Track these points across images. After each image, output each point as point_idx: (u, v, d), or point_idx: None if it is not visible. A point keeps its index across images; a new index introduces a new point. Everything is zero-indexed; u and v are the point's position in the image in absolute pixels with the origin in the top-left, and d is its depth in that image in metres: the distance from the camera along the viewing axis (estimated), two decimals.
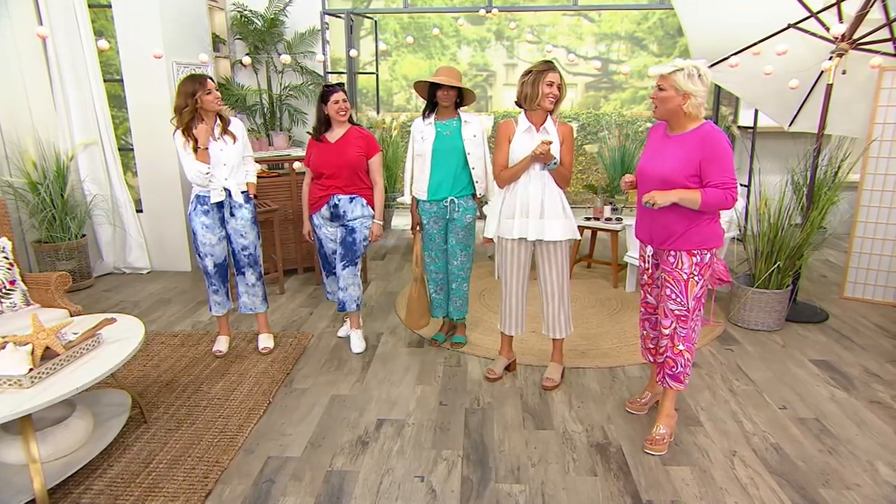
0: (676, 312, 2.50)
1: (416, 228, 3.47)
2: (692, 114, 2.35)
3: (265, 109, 5.93)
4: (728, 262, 4.22)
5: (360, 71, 7.30)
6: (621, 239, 4.85)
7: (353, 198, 3.36)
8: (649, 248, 2.62)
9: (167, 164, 4.89)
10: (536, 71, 2.76)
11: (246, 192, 3.31)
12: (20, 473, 2.23)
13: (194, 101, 3.03)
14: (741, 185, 5.40)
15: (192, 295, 4.61)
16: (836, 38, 3.66)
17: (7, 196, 4.49)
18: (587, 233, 5.12)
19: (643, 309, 2.78)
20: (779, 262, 3.77)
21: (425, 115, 3.31)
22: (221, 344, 3.53)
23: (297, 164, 4.67)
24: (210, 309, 3.47)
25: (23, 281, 3.24)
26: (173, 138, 3.14)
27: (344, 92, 3.29)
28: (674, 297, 2.49)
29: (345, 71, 6.53)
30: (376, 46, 6.95)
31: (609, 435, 2.67)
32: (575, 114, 8.84)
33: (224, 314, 3.51)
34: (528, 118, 2.85)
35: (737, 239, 4.29)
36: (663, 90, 2.35)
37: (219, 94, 3.11)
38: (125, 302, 4.51)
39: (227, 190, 3.21)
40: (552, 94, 2.74)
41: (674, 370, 2.54)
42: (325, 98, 3.28)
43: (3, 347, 2.19)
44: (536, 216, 2.86)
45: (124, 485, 2.33)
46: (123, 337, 2.55)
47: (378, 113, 6.96)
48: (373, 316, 4.16)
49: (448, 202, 3.30)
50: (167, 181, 4.99)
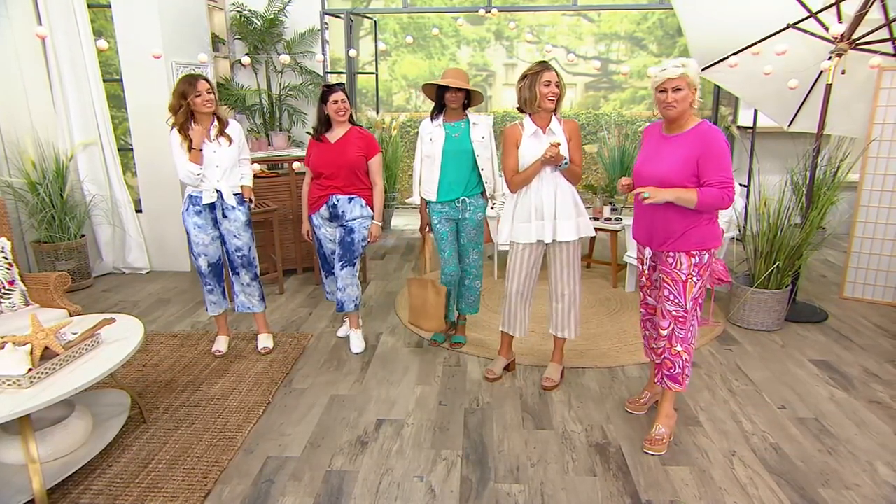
0: (674, 314, 2.49)
1: (426, 229, 3.48)
2: (694, 107, 2.39)
3: (265, 109, 5.93)
4: (727, 262, 4.22)
5: (360, 71, 7.30)
6: (621, 239, 4.85)
7: (352, 198, 3.36)
8: (648, 250, 2.61)
9: (167, 164, 4.87)
10: (531, 74, 2.76)
11: (240, 194, 3.29)
12: (19, 473, 2.22)
13: (186, 103, 3.03)
14: (741, 185, 5.41)
15: (191, 295, 4.61)
16: (836, 38, 3.66)
17: (6, 196, 4.49)
18: None
19: (643, 310, 2.78)
20: (778, 262, 3.77)
21: (433, 117, 3.31)
22: (221, 344, 3.53)
23: (296, 164, 4.67)
24: (206, 309, 3.47)
25: (22, 281, 3.24)
26: (170, 136, 3.14)
27: (344, 92, 3.28)
28: (672, 298, 2.48)
29: (344, 71, 6.53)
30: (376, 46, 6.95)
31: (608, 435, 2.67)
32: (574, 114, 8.84)
33: (221, 314, 3.51)
34: (534, 121, 2.84)
35: (736, 239, 4.29)
36: (680, 90, 2.31)
37: (211, 96, 3.06)
38: (124, 302, 4.51)
39: (219, 191, 3.20)
40: (551, 94, 2.74)
41: (672, 371, 2.54)
42: (324, 98, 3.28)
43: (3, 347, 2.19)
44: (552, 217, 2.85)
45: (123, 485, 2.33)
46: (123, 337, 2.55)
47: (378, 113, 6.96)
48: (372, 316, 4.16)
49: (460, 202, 3.30)
50: (166, 181, 4.99)
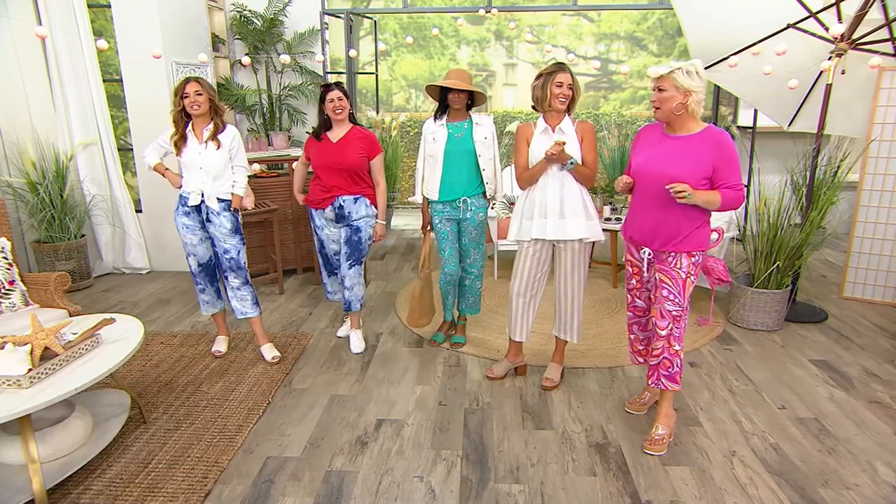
0: (674, 313, 2.50)
1: (427, 228, 3.48)
2: (694, 111, 2.38)
3: (264, 109, 5.93)
4: (727, 262, 4.23)
5: (360, 71, 7.30)
6: (620, 239, 4.85)
7: (358, 198, 3.36)
8: (646, 251, 2.59)
9: (166, 163, 4.88)
10: (546, 73, 2.78)
11: (227, 201, 3.22)
12: (19, 473, 2.22)
13: (180, 102, 3.07)
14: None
15: (191, 295, 4.60)
16: (836, 38, 3.67)
17: (6, 196, 4.49)
18: None
19: (631, 313, 2.78)
20: (778, 262, 3.77)
21: (437, 117, 3.32)
22: (220, 344, 3.53)
23: (296, 165, 4.66)
24: (200, 309, 3.46)
25: (22, 281, 3.24)
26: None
27: (340, 90, 3.27)
28: (672, 297, 2.49)
29: (344, 71, 6.52)
30: (375, 46, 6.95)
31: (608, 435, 2.67)
32: (574, 114, 8.83)
33: (218, 313, 3.50)
34: (545, 120, 2.86)
35: (736, 239, 4.29)
36: (664, 90, 2.37)
37: (199, 98, 3.04)
38: (124, 302, 4.51)
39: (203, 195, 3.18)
40: (562, 95, 2.75)
41: (670, 371, 2.55)
42: (322, 98, 3.28)
43: (3, 347, 2.19)
44: (555, 216, 2.83)
45: (123, 485, 2.33)
46: (122, 337, 2.55)
47: (378, 113, 6.96)
48: (372, 316, 4.16)
49: (461, 202, 3.30)
50: (166, 181, 4.96)
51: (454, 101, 3.19)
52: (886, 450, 2.55)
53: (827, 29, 3.65)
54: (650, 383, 2.63)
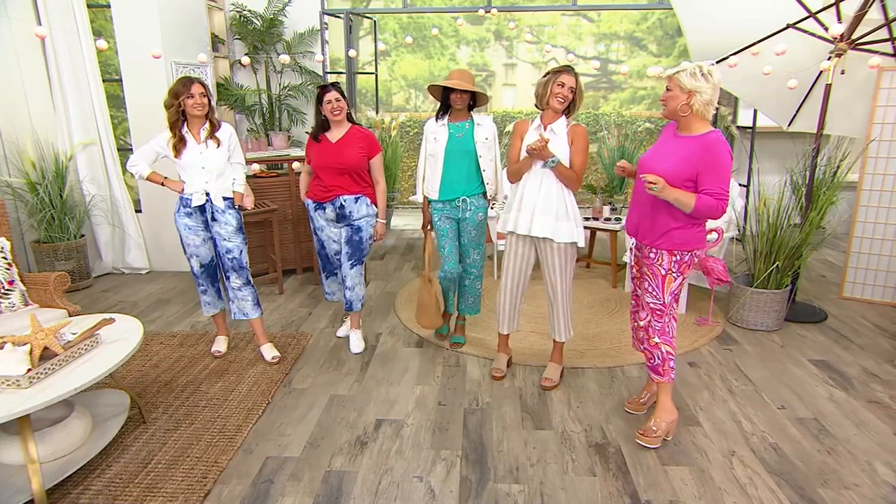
0: (652, 306, 2.55)
1: (427, 227, 3.49)
2: (700, 112, 2.38)
3: (264, 109, 5.93)
4: (727, 262, 4.23)
5: (360, 71, 7.29)
6: (620, 239, 4.86)
7: (358, 197, 3.36)
8: (632, 241, 2.68)
9: (166, 163, 4.88)
10: (553, 72, 2.83)
11: (230, 199, 3.24)
12: (18, 473, 2.22)
13: (178, 103, 3.03)
14: (740, 185, 5.41)
15: (190, 295, 4.60)
16: (835, 39, 3.67)
17: (6, 196, 4.49)
18: (586, 233, 5.12)
19: (634, 301, 2.82)
20: (778, 262, 3.77)
21: (438, 117, 3.32)
22: (220, 344, 3.53)
23: (296, 165, 4.67)
24: (201, 309, 3.45)
25: (21, 281, 3.23)
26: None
27: (338, 90, 3.27)
28: (651, 290, 2.55)
29: (344, 71, 6.52)
30: (375, 46, 6.95)
31: (608, 435, 2.68)
32: (573, 118, 8.82)
33: (218, 314, 3.50)
34: (542, 118, 2.91)
35: (736, 239, 4.29)
36: (670, 90, 2.45)
37: (203, 100, 3.04)
38: (124, 302, 4.51)
39: (209, 194, 3.18)
40: (561, 95, 2.78)
41: (652, 362, 2.60)
42: (319, 99, 3.28)
43: (2, 347, 2.19)
44: (529, 212, 2.89)
45: (123, 485, 2.33)
46: (122, 337, 2.55)
47: (377, 113, 6.96)
48: (372, 316, 4.16)
49: (460, 201, 3.31)
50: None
51: (456, 101, 3.19)
52: (886, 450, 2.55)
53: (826, 29, 3.65)
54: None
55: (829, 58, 3.71)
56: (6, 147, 4.52)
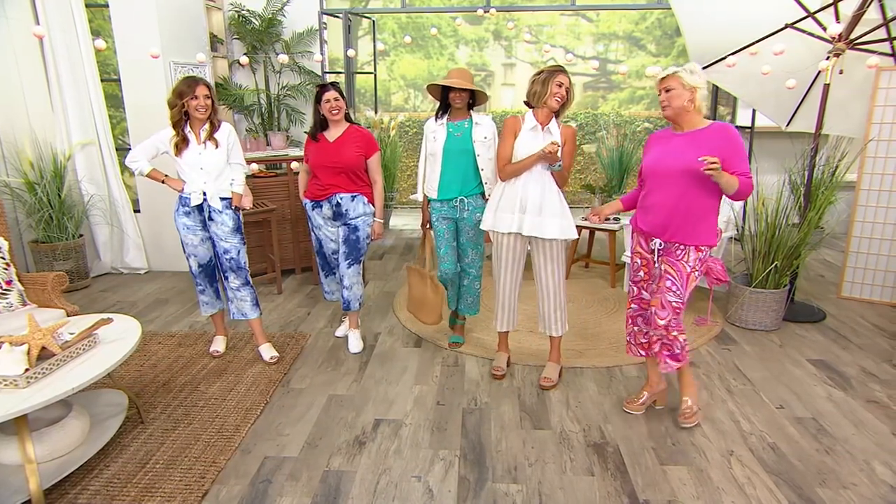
0: (674, 304, 2.55)
1: (426, 226, 3.49)
2: (699, 107, 2.51)
3: (263, 109, 5.92)
4: (726, 262, 4.23)
5: (358, 71, 7.29)
6: (619, 239, 4.86)
7: (355, 196, 3.36)
8: (657, 241, 2.64)
9: (165, 163, 4.88)
10: (549, 71, 2.86)
11: (228, 199, 3.22)
12: (16, 474, 2.22)
13: (182, 103, 3.03)
14: None
15: (189, 295, 4.60)
16: (833, 38, 3.67)
17: (4, 196, 4.48)
18: (585, 233, 5.12)
19: (636, 305, 2.80)
20: (776, 262, 3.77)
21: (438, 116, 3.33)
22: (218, 344, 3.53)
23: (294, 164, 4.67)
24: (199, 309, 3.44)
25: (19, 281, 3.23)
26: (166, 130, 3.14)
27: (336, 90, 3.27)
28: (675, 289, 2.54)
29: (343, 71, 6.52)
30: (374, 46, 6.94)
31: (606, 435, 2.68)
32: (573, 114, 8.84)
33: (217, 314, 3.50)
34: (535, 116, 2.91)
35: (734, 238, 4.29)
36: (671, 89, 2.49)
37: (207, 102, 3.04)
38: (122, 302, 4.51)
39: (206, 194, 3.17)
40: (559, 95, 2.83)
41: (673, 351, 2.62)
42: (318, 98, 3.28)
43: (0, 347, 2.19)
44: (534, 213, 2.91)
45: (121, 485, 2.33)
46: (120, 337, 2.55)
47: (376, 113, 6.96)
48: (370, 316, 4.16)
49: (458, 201, 3.31)
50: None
51: (455, 99, 3.19)
52: (884, 449, 2.55)
53: (825, 29, 3.65)
54: (661, 368, 2.68)
55: (828, 58, 3.71)
56: (4, 147, 4.51)
